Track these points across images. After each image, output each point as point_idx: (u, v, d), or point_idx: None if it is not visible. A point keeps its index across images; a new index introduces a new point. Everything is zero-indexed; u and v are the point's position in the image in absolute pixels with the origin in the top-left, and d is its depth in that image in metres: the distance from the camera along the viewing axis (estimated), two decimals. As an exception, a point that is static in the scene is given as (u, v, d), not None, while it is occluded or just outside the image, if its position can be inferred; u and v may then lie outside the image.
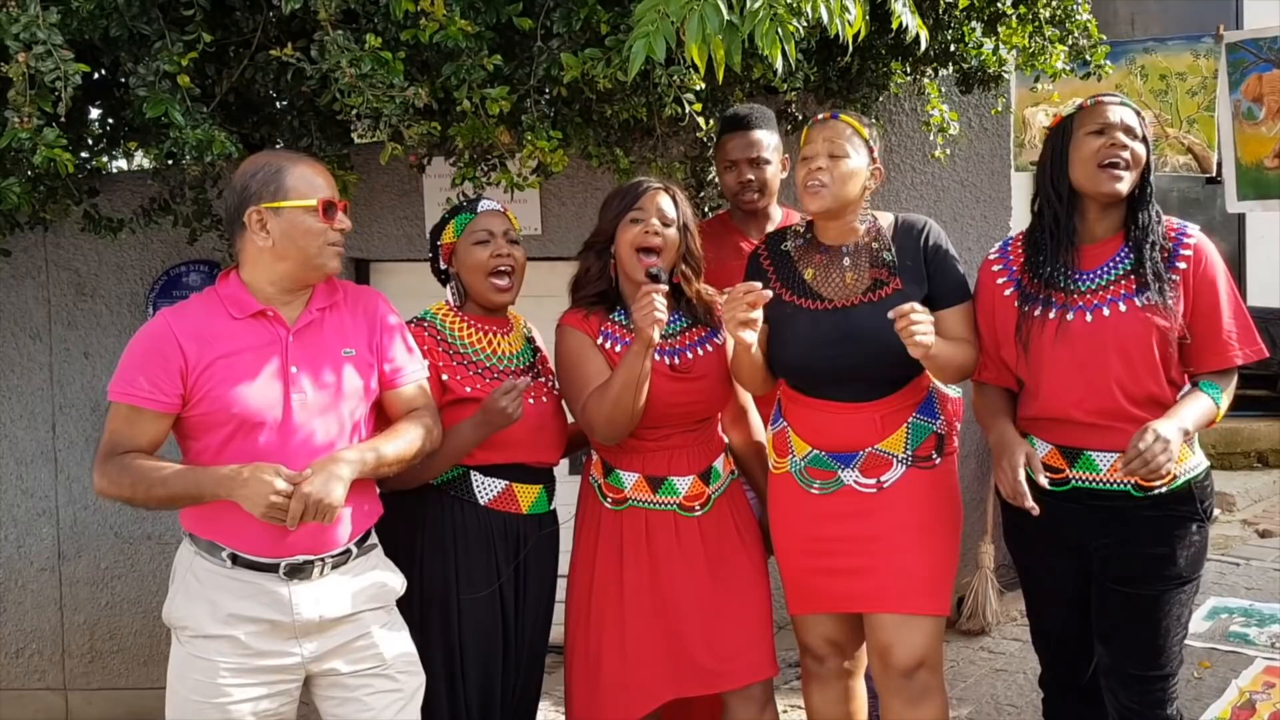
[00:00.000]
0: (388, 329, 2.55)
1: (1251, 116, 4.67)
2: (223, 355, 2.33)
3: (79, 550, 4.72)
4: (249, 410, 2.31)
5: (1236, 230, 7.25)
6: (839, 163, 2.65)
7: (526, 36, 2.99)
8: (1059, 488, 2.60)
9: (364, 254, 4.71)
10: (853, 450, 2.72)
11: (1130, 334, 2.50)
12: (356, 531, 2.45)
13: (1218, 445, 6.25)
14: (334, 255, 2.42)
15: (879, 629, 2.71)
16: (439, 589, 2.70)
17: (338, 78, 2.71)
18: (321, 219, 2.38)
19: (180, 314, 2.39)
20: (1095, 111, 2.60)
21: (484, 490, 2.75)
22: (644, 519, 2.79)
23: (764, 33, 2.28)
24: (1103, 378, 2.53)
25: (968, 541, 4.10)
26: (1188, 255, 2.54)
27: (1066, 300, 2.57)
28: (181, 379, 2.31)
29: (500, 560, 2.76)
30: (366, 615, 2.45)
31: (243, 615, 2.33)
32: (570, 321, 2.82)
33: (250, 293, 2.40)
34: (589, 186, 4.56)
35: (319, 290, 2.48)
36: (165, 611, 2.42)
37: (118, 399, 2.34)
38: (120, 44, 2.88)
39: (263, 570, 2.34)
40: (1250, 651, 4.06)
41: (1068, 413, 2.57)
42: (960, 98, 4.36)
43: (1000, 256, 2.75)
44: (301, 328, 2.42)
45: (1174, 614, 2.57)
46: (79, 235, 4.32)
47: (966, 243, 4.59)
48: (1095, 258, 2.60)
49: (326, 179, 2.45)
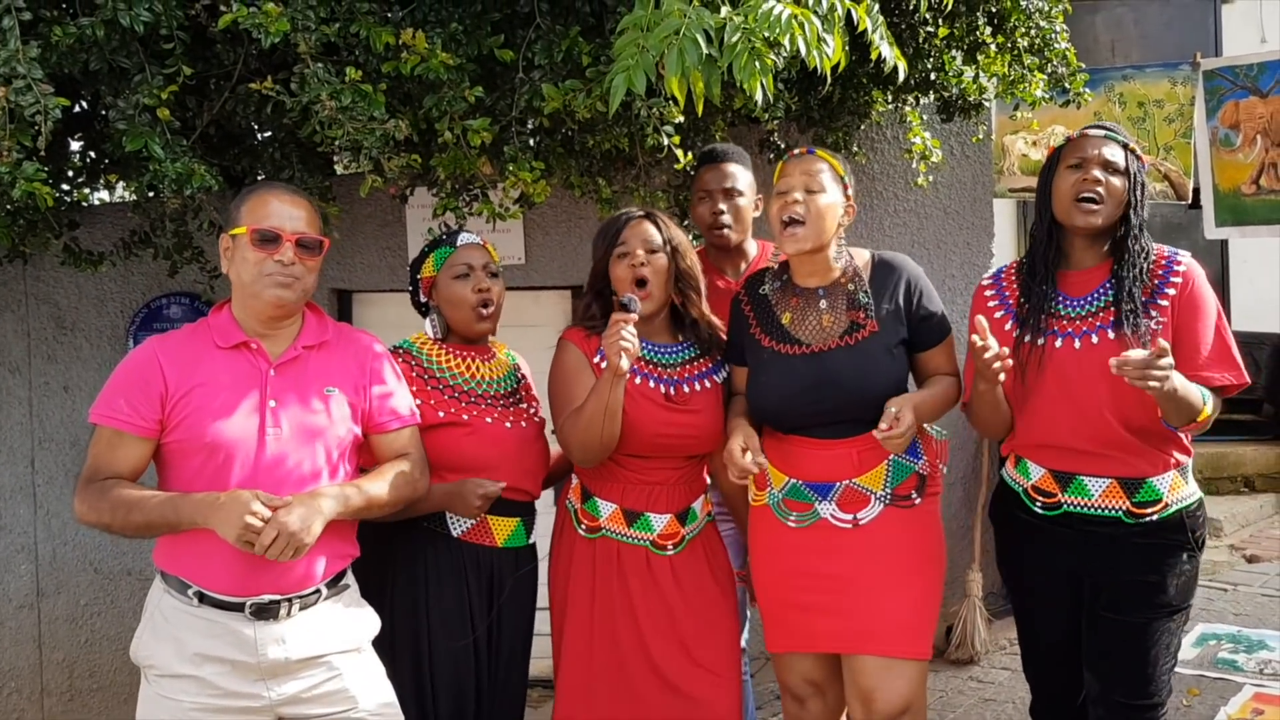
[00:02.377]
0: (378, 374, 2.54)
1: (1229, 143, 4.71)
2: (201, 383, 2.32)
3: (58, 587, 4.66)
4: (221, 441, 2.29)
5: (1220, 255, 7.31)
6: (815, 198, 2.64)
7: (508, 68, 2.99)
8: (1051, 512, 2.60)
9: (346, 285, 4.69)
10: (830, 481, 2.70)
11: None
12: (328, 573, 2.41)
13: (1204, 470, 6.26)
14: (271, 286, 2.35)
15: (860, 673, 2.68)
16: (410, 624, 2.68)
17: (318, 110, 2.71)
18: (253, 248, 2.35)
19: (167, 341, 2.40)
20: (1076, 145, 2.63)
21: (457, 523, 2.73)
22: (616, 551, 2.77)
23: (742, 66, 2.29)
24: (1093, 405, 2.53)
25: (955, 570, 4.09)
26: (1177, 282, 2.56)
27: (1054, 325, 2.59)
28: (161, 404, 2.30)
29: (473, 594, 2.73)
30: (337, 658, 2.41)
31: (209, 655, 2.30)
32: (572, 337, 2.82)
33: (237, 324, 2.40)
34: (572, 216, 4.56)
35: (308, 327, 2.46)
36: (133, 649, 2.40)
37: (98, 421, 2.33)
38: (100, 77, 2.87)
39: (229, 609, 2.30)
40: (1239, 678, 4.05)
41: (1061, 439, 2.58)
42: (941, 125, 4.37)
43: (994, 283, 2.76)
44: (284, 363, 2.40)
45: (1163, 642, 2.57)
46: (59, 268, 4.30)
47: (950, 269, 4.60)
48: (1083, 285, 2.61)
49: (291, 209, 2.41)
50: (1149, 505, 2.55)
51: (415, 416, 2.60)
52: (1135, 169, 2.60)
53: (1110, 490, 2.56)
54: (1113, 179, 2.57)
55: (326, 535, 2.31)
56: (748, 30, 2.28)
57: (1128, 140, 2.64)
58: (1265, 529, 6.03)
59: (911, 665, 2.66)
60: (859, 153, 4.36)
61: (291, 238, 2.37)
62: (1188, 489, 2.60)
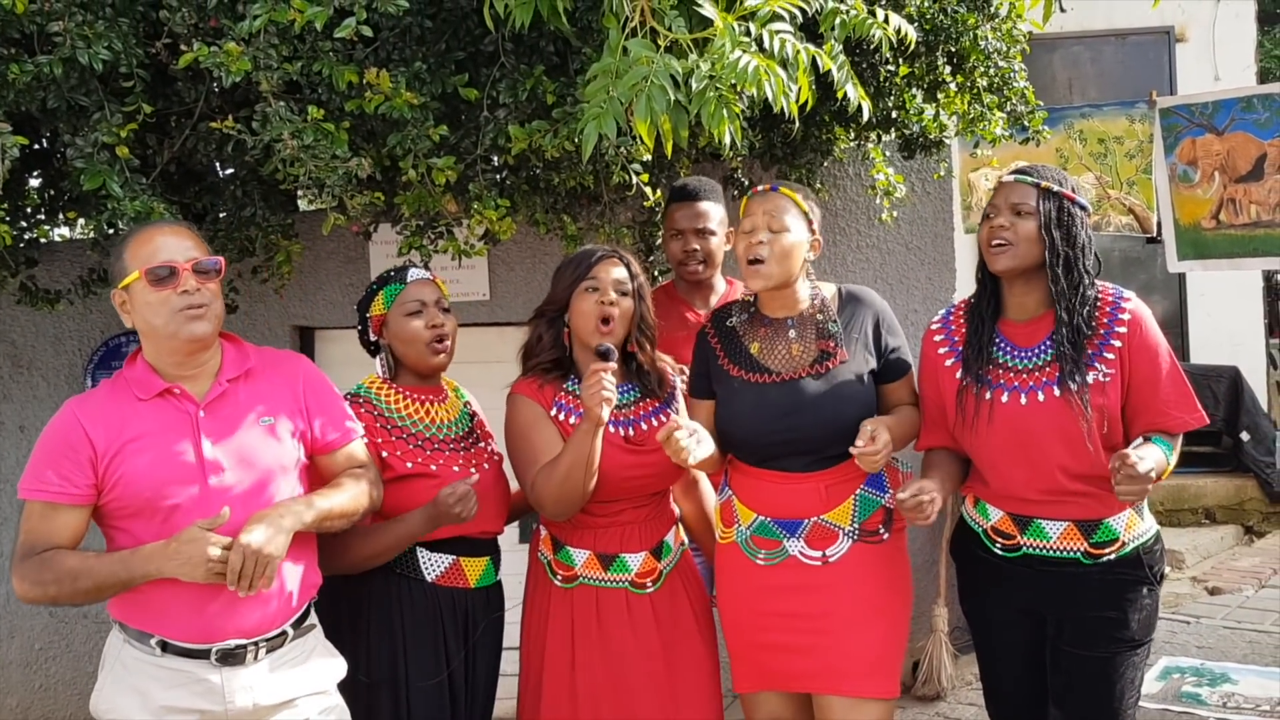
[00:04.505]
0: (314, 390, 2.47)
1: (1187, 179, 4.79)
2: (131, 439, 2.24)
3: (11, 631, 4.56)
4: (163, 494, 2.22)
5: (1178, 289, 7.40)
6: (779, 237, 2.65)
7: (472, 106, 2.99)
8: (1011, 554, 2.61)
9: (308, 321, 4.65)
10: (798, 518, 2.69)
11: (1066, 418, 2.52)
12: (297, 605, 2.36)
13: (1165, 502, 6.32)
14: (188, 320, 2.26)
15: (828, 712, 2.67)
16: (387, 671, 2.63)
17: (280, 149, 2.69)
18: (150, 288, 2.25)
19: (85, 402, 2.31)
20: (993, 194, 2.68)
21: (431, 567, 2.70)
22: (595, 597, 2.74)
23: (711, 113, 2.31)
24: (1045, 461, 2.55)
25: (921, 605, 4.08)
26: (1122, 332, 2.55)
27: (1002, 378, 2.59)
28: (92, 468, 2.22)
29: (449, 637, 2.70)
30: (304, 702, 2.36)
31: (174, 706, 2.23)
32: (523, 390, 2.76)
33: (155, 372, 2.31)
34: (537, 252, 4.55)
35: (227, 360, 2.38)
36: (93, 703, 2.32)
37: (28, 496, 2.24)
38: (58, 115, 2.84)
39: (194, 657, 2.24)
40: (1202, 712, 4.07)
41: (1016, 490, 2.60)
42: (903, 162, 4.41)
43: (942, 326, 2.77)
44: (211, 401, 2.32)
45: (1127, 677, 2.58)
46: (15, 306, 4.23)
47: (913, 304, 4.63)
48: (1029, 335, 2.62)
49: (175, 240, 2.30)
50: (1106, 545, 2.56)
51: (357, 429, 2.54)
52: (1051, 208, 2.57)
53: (1068, 532, 2.57)
54: (1021, 221, 2.57)
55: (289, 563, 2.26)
56: (715, 78, 2.29)
57: (1044, 180, 2.60)
58: (1227, 560, 6.08)
59: (879, 705, 2.66)
60: (822, 189, 4.39)
61: (186, 266, 2.27)
62: (1144, 525, 2.62)
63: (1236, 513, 6.49)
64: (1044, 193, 2.59)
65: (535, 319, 2.85)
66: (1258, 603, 5.32)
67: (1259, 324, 7.41)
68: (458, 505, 2.56)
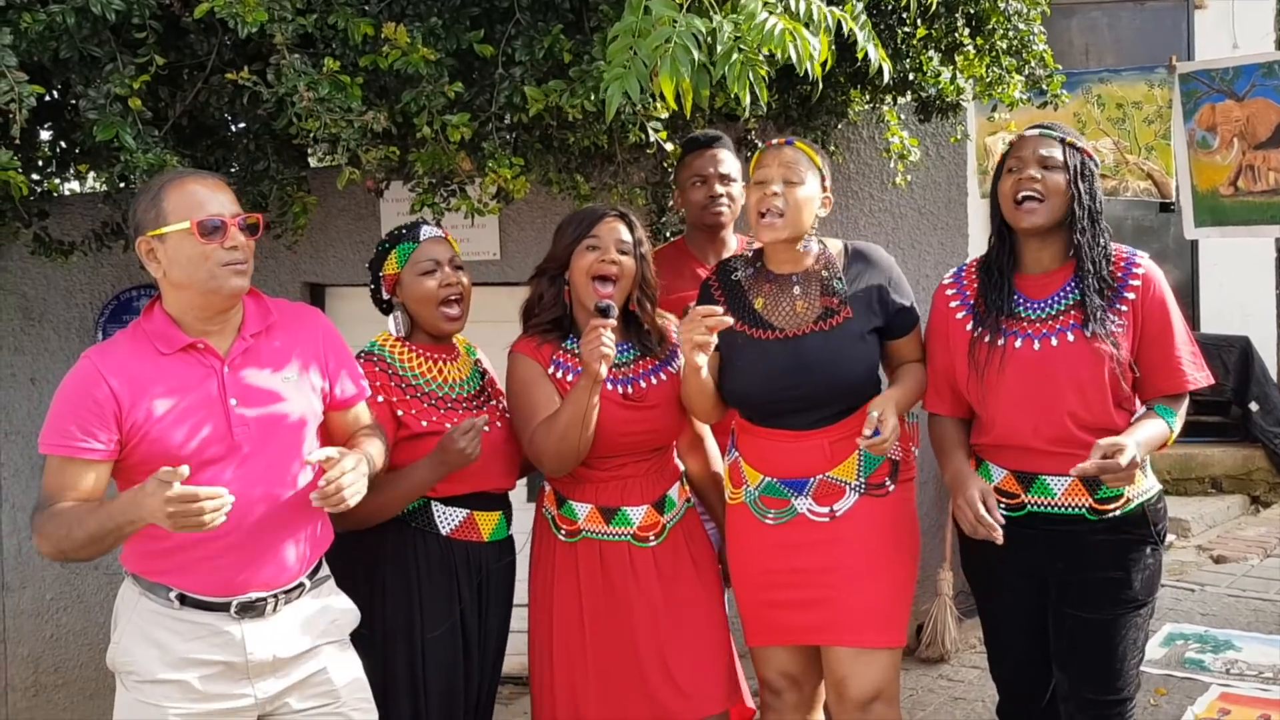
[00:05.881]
0: (333, 348, 2.46)
1: (1206, 145, 4.75)
2: (156, 395, 2.21)
3: (23, 581, 4.60)
4: (191, 450, 2.20)
5: (1189, 258, 7.35)
6: (793, 189, 2.64)
7: (487, 64, 2.96)
8: (1014, 513, 2.61)
9: (319, 279, 4.65)
10: (804, 477, 2.70)
11: (1082, 364, 2.52)
12: (313, 557, 2.38)
13: (1173, 471, 6.31)
14: (231, 275, 2.23)
15: (834, 662, 2.70)
16: (403, 623, 2.66)
17: (294, 101, 2.67)
18: (200, 240, 2.22)
19: (107, 353, 2.26)
20: (1015, 146, 2.64)
21: (446, 521, 2.71)
22: (598, 550, 2.76)
23: (736, 75, 2.29)
24: (1055, 407, 2.54)
25: (926, 569, 4.10)
26: (1136, 285, 2.56)
27: (1015, 327, 2.59)
28: (116, 423, 2.18)
29: (463, 591, 2.72)
30: (322, 651, 2.38)
31: (194, 659, 2.23)
32: (522, 349, 2.78)
33: (176, 325, 2.28)
34: (548, 212, 4.53)
35: (250, 315, 2.35)
36: (110, 656, 2.31)
37: (50, 451, 2.20)
38: (70, 66, 2.82)
39: (213, 610, 2.25)
40: (1205, 678, 4.09)
41: (1023, 440, 2.58)
42: (918, 125, 4.39)
43: (955, 281, 2.76)
44: (236, 357, 2.30)
45: (1130, 638, 2.59)
46: (27, 259, 4.24)
47: (924, 269, 4.61)
48: (1045, 288, 2.61)
49: (217, 194, 2.27)
50: (1111, 501, 2.56)
51: (367, 388, 2.54)
52: (1076, 163, 2.58)
53: (1073, 488, 2.57)
54: (1051, 175, 2.56)
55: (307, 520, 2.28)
56: (740, 39, 2.28)
57: (1067, 135, 2.62)
58: (1232, 529, 6.08)
59: (884, 653, 2.69)
60: (835, 152, 4.37)
61: (234, 221, 2.25)
62: (1148, 482, 2.62)
63: (1243, 483, 6.49)
64: (1069, 147, 2.59)
65: (536, 277, 2.85)
66: (1263, 572, 5.33)
67: (1271, 294, 7.36)
68: (462, 440, 2.54)
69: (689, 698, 2.74)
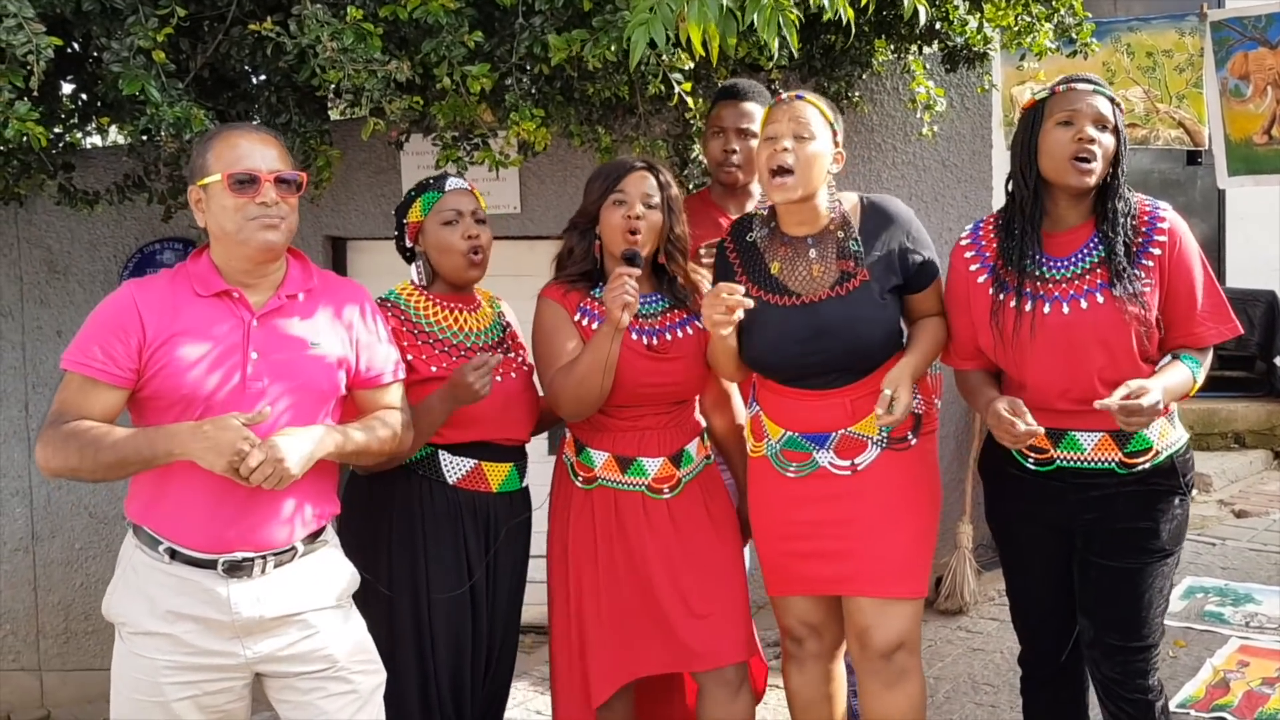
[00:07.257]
0: (368, 327, 2.45)
1: (1239, 94, 4.68)
2: (181, 332, 2.23)
3: (53, 530, 4.68)
4: (200, 393, 2.21)
5: (1216, 211, 7.27)
6: (803, 145, 2.59)
7: (507, 13, 2.94)
8: (1044, 468, 2.60)
9: (340, 232, 4.67)
10: (826, 431, 2.70)
11: (1110, 326, 2.49)
12: (311, 523, 2.34)
13: (1195, 426, 6.28)
14: (258, 229, 2.24)
15: (856, 612, 2.71)
16: (408, 574, 2.68)
17: (317, 52, 2.66)
18: (231, 194, 2.23)
19: (145, 286, 2.29)
20: (1065, 99, 2.52)
21: (452, 469, 2.73)
22: (613, 498, 2.78)
23: (766, 20, 2.26)
24: (1084, 370, 2.52)
25: (946, 522, 4.11)
26: (1162, 240, 2.51)
27: (1041, 290, 2.54)
28: (139, 353, 2.21)
29: (469, 539, 2.73)
30: (313, 615, 2.34)
31: (181, 613, 2.23)
32: (550, 294, 2.80)
33: (218, 272, 2.30)
34: (568, 165, 4.53)
35: (291, 274, 2.36)
36: (105, 606, 2.32)
37: (70, 368, 2.23)
38: (92, 18, 2.82)
39: (201, 566, 2.23)
40: (1225, 631, 4.10)
41: (1050, 403, 2.56)
42: (943, 76, 4.34)
43: (972, 241, 2.70)
44: (267, 313, 2.31)
45: (1156, 586, 2.59)
46: (51, 212, 4.27)
47: (947, 222, 4.58)
48: (1067, 245, 2.57)
49: (261, 149, 2.27)
50: (1140, 454, 2.55)
51: (401, 372, 2.53)
52: (1121, 124, 2.54)
53: (1102, 443, 2.56)
54: (1104, 136, 2.50)
55: (306, 489, 2.27)
56: None
57: (1111, 93, 2.57)
58: (1255, 484, 6.06)
59: (906, 603, 2.70)
60: (859, 103, 4.33)
61: (269, 177, 2.25)
62: (1176, 434, 2.60)
63: (1266, 437, 6.46)
64: (1116, 106, 2.54)
65: (568, 230, 2.85)
66: (1284, 526, 5.33)
67: (1298, 249, 7.29)
68: (472, 375, 2.55)
69: (707, 646, 2.76)
